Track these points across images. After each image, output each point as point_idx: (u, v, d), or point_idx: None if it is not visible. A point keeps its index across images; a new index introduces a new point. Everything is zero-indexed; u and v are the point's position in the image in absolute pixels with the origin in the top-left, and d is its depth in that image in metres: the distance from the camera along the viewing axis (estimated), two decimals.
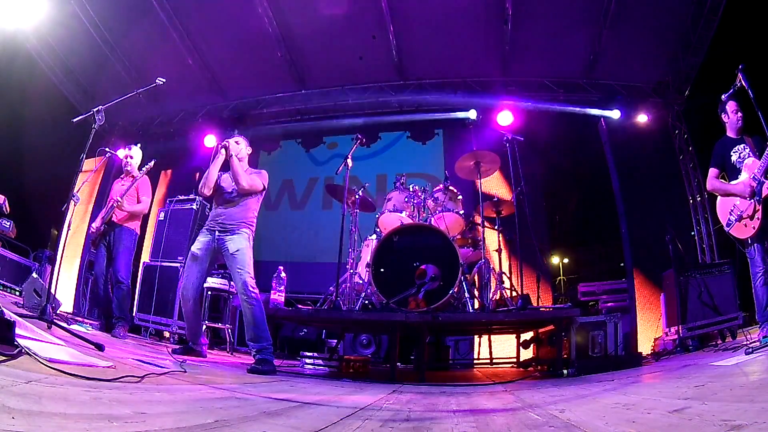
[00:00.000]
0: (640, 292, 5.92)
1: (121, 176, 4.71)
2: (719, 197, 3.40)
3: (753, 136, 3.22)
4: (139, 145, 4.88)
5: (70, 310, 6.34)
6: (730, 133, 3.39)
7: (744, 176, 3.19)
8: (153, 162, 4.54)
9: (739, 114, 3.31)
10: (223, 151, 3.45)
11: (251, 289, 3.21)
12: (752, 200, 3.08)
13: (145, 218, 5.21)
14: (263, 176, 3.55)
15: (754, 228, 3.10)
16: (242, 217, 3.42)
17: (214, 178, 3.44)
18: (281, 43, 7.07)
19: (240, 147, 3.58)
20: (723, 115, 3.41)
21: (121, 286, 4.25)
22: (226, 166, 3.51)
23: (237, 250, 3.29)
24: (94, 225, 4.55)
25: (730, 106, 3.34)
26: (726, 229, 3.32)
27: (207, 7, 6.67)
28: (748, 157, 3.20)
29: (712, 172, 3.43)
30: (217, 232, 3.38)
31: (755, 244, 3.12)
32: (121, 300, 4.23)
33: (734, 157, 3.29)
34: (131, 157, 4.65)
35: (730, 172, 3.33)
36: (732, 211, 3.24)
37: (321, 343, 5.96)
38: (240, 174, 3.40)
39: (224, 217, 3.41)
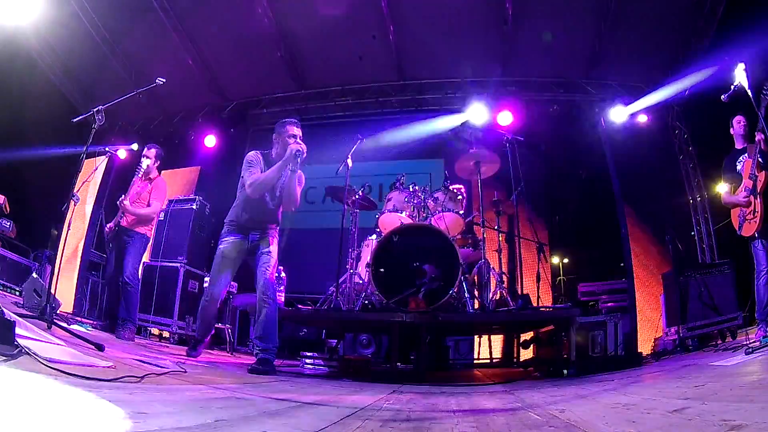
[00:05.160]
0: (640, 292, 5.91)
1: (140, 177, 4.64)
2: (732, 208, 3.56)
3: (753, 142, 3.29)
4: (135, 144, 4.84)
5: (70, 310, 6.33)
6: (737, 145, 3.50)
7: (743, 180, 3.34)
8: (136, 145, 4.47)
9: (743, 123, 3.43)
10: (299, 159, 3.19)
11: (273, 289, 3.21)
12: (750, 196, 3.20)
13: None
14: None
15: (755, 222, 3.18)
16: (276, 219, 3.45)
17: (272, 183, 3.30)
18: (281, 43, 7.06)
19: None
20: (731, 130, 3.53)
21: (128, 287, 4.23)
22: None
23: (270, 250, 3.28)
24: (108, 226, 4.55)
25: (736, 119, 3.47)
26: (739, 233, 3.44)
27: (207, 7, 6.66)
28: (745, 160, 3.31)
29: (724, 188, 3.59)
30: (251, 232, 3.34)
31: (760, 240, 3.17)
32: (127, 301, 4.22)
33: (738, 167, 3.42)
34: (146, 157, 4.50)
35: (738, 181, 3.46)
36: (740, 215, 3.40)
37: (321, 343, 5.96)
38: (299, 196, 3.36)
39: (261, 219, 3.36)
